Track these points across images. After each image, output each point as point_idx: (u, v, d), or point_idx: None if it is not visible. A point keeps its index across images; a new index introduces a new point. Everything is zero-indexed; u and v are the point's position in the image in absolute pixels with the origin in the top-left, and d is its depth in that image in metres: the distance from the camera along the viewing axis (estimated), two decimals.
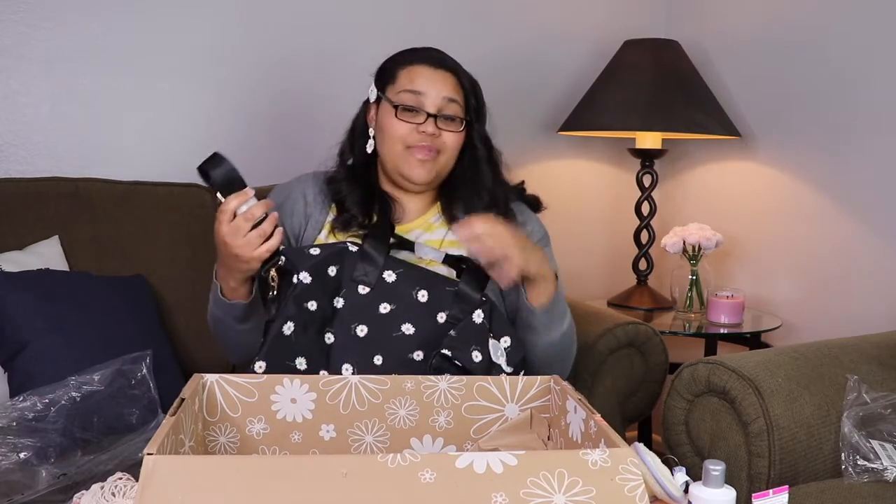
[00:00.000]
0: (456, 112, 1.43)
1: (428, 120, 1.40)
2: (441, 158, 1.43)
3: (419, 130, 1.40)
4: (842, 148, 2.19)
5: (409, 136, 1.41)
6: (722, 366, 1.49)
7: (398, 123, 1.41)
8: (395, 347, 1.26)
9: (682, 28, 2.61)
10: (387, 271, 1.29)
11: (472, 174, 1.48)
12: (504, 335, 1.28)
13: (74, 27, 1.95)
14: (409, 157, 1.42)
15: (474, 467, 0.77)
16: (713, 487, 0.96)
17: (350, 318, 1.27)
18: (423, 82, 1.41)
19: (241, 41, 2.13)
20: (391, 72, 1.45)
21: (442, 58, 1.45)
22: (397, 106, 1.41)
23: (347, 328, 1.26)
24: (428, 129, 1.40)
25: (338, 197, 1.48)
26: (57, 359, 1.49)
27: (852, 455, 1.43)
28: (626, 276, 2.56)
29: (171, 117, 2.08)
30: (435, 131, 1.41)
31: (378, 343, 1.26)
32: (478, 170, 1.48)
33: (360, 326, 1.27)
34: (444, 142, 1.42)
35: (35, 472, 1.23)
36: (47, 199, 1.78)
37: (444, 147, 1.43)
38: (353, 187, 1.47)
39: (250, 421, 1.06)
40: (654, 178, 2.45)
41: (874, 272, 2.13)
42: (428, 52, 1.46)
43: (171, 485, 0.73)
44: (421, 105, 1.41)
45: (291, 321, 1.23)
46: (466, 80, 1.46)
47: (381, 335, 1.27)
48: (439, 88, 1.41)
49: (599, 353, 1.73)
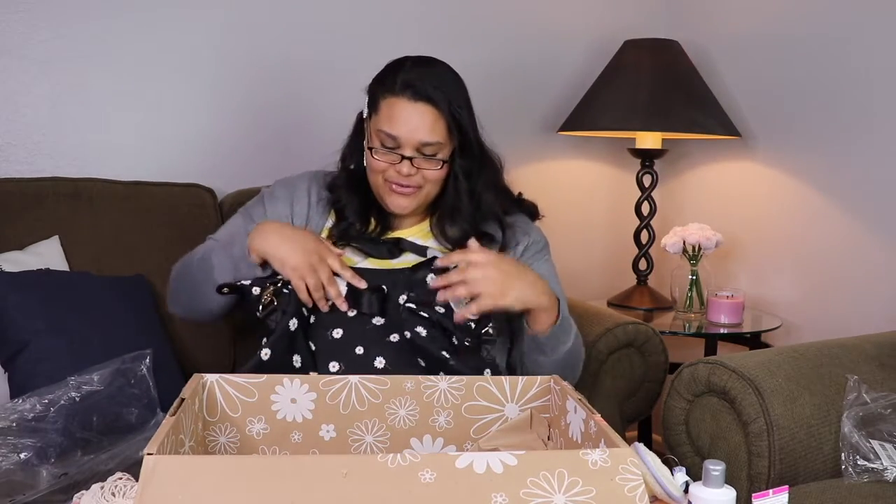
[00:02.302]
0: (435, 150, 1.38)
1: (403, 161, 1.38)
2: (422, 192, 1.43)
3: (396, 170, 1.39)
4: (842, 148, 2.19)
5: (387, 173, 1.41)
6: (722, 366, 1.49)
7: (375, 161, 1.40)
8: (372, 338, 1.32)
9: (682, 28, 2.61)
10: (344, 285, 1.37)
11: (454, 202, 1.45)
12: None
13: (74, 27, 1.95)
14: (389, 189, 1.42)
15: (474, 467, 0.77)
16: (713, 487, 0.96)
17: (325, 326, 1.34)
18: (399, 124, 1.36)
19: (240, 41, 2.13)
20: (375, 98, 1.41)
21: (423, 86, 1.36)
22: (372, 147, 1.40)
23: (324, 335, 1.33)
24: (402, 170, 1.38)
25: (337, 205, 1.49)
26: (57, 359, 1.49)
27: (852, 455, 1.43)
28: (626, 276, 2.56)
29: (171, 117, 2.08)
30: (411, 171, 1.39)
31: (354, 338, 1.32)
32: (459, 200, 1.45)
33: (336, 330, 1.33)
34: (424, 177, 1.41)
35: (36, 472, 1.23)
36: (47, 199, 1.78)
37: (425, 181, 1.41)
38: (351, 196, 1.48)
39: (250, 421, 1.06)
40: (654, 178, 2.45)
41: (874, 272, 2.13)
42: (410, 78, 1.37)
43: (171, 485, 0.73)
44: (398, 147, 1.38)
45: (296, 318, 1.31)
46: (447, 107, 1.37)
47: (356, 332, 1.33)
48: (416, 130, 1.36)
49: (599, 353, 1.74)
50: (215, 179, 2.06)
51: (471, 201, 1.45)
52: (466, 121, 1.41)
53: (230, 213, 1.96)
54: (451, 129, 1.39)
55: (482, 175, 1.46)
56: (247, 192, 1.99)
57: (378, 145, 1.39)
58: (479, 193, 1.46)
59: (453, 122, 1.39)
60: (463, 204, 1.45)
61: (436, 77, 1.40)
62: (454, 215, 1.46)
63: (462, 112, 1.40)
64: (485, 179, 1.47)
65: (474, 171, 1.45)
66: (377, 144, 1.40)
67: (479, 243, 1.36)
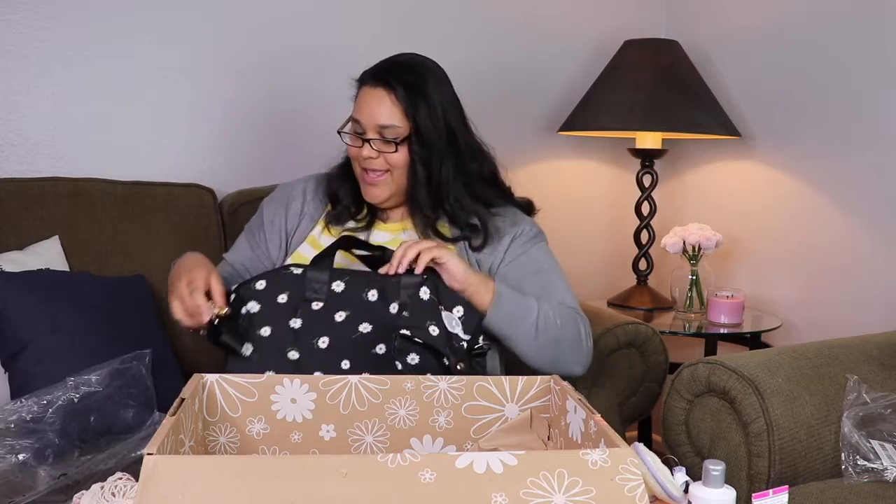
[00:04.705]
0: (394, 134, 1.43)
1: (364, 145, 1.44)
2: (390, 179, 1.46)
3: (361, 154, 1.45)
4: (842, 148, 2.19)
5: (359, 160, 1.47)
6: (722, 366, 1.49)
7: (349, 148, 1.48)
8: (358, 348, 1.29)
9: (682, 28, 2.61)
10: (335, 282, 1.33)
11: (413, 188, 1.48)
12: (455, 305, 1.32)
13: (74, 27, 1.95)
14: (363, 179, 1.48)
15: (474, 467, 0.77)
16: (713, 487, 0.96)
17: (310, 334, 1.30)
18: (362, 108, 1.44)
19: (240, 41, 2.13)
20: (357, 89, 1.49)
21: (384, 73, 1.44)
22: (341, 133, 1.47)
23: (310, 344, 1.30)
24: (364, 153, 1.44)
25: (332, 191, 1.54)
26: (57, 359, 1.49)
27: (852, 455, 1.43)
28: (626, 276, 2.56)
29: (171, 117, 2.08)
30: (371, 153, 1.44)
31: (341, 349, 1.29)
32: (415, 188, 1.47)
33: (322, 339, 1.30)
34: (386, 160, 1.45)
35: (34, 473, 1.23)
36: (47, 199, 1.78)
37: (392, 165, 1.46)
38: (345, 181, 1.53)
39: (250, 421, 1.06)
40: (654, 178, 2.45)
41: (874, 272, 2.13)
42: (375, 69, 1.46)
43: (171, 485, 0.73)
44: (360, 130, 1.45)
45: (250, 343, 1.29)
46: (403, 93, 1.42)
47: (342, 341, 1.29)
48: (373, 112, 1.43)
49: (599, 353, 1.73)
50: (215, 179, 2.06)
51: (428, 189, 1.47)
52: (423, 107, 1.44)
53: (230, 213, 1.97)
54: (407, 114, 1.43)
55: (446, 164, 1.47)
56: (247, 192, 1.99)
57: (350, 131, 1.46)
58: (440, 182, 1.47)
59: (409, 107, 1.43)
60: (420, 191, 1.47)
61: (400, 67, 1.46)
62: (413, 203, 1.49)
63: (418, 98, 1.43)
64: (456, 169, 1.48)
65: (434, 158, 1.46)
66: (349, 131, 1.46)
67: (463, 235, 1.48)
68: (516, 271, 1.48)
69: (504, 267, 1.49)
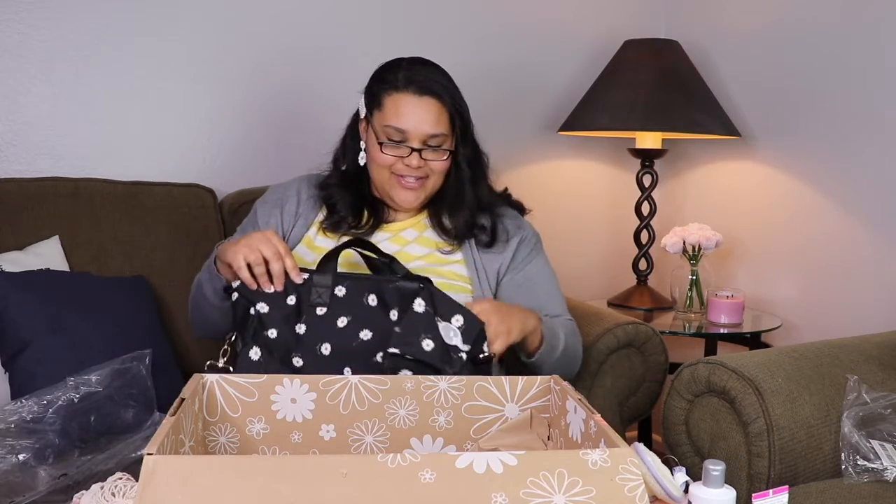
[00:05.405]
0: (441, 142, 1.44)
1: (413, 154, 1.43)
2: (429, 182, 1.47)
3: (405, 163, 1.44)
4: (842, 148, 2.19)
5: (395, 166, 1.45)
6: (722, 366, 1.49)
7: (383, 155, 1.44)
8: (359, 355, 1.29)
9: (682, 28, 2.61)
10: (337, 287, 1.32)
11: (457, 191, 1.51)
12: (454, 314, 1.28)
13: (74, 27, 1.95)
14: (396, 183, 1.46)
15: (474, 467, 0.77)
16: (713, 487, 0.96)
17: (314, 340, 1.30)
18: (408, 118, 1.41)
19: (240, 41, 2.13)
20: (378, 97, 1.45)
21: (426, 81, 1.43)
22: (382, 142, 1.43)
23: (313, 350, 1.29)
24: (412, 162, 1.43)
25: (329, 201, 1.52)
26: (57, 359, 1.49)
27: (852, 455, 1.43)
28: (626, 276, 2.56)
29: (171, 117, 2.08)
30: (420, 163, 1.44)
31: (343, 356, 1.29)
32: (462, 188, 1.50)
33: (324, 345, 1.29)
34: (430, 168, 1.46)
35: (34, 473, 1.23)
36: (47, 199, 1.78)
37: (432, 172, 1.46)
38: (344, 193, 1.51)
39: (250, 421, 1.06)
40: (654, 178, 2.45)
41: (874, 272, 2.13)
42: (412, 75, 1.43)
43: (171, 485, 0.73)
44: (405, 140, 1.43)
45: (258, 347, 1.29)
46: (450, 100, 1.44)
47: (344, 348, 1.29)
48: (423, 122, 1.41)
49: (599, 353, 1.73)
50: (215, 179, 2.06)
51: (473, 191, 1.51)
52: (466, 112, 1.48)
53: (230, 213, 1.97)
54: (454, 121, 1.45)
55: (472, 166, 1.52)
56: (247, 192, 1.99)
57: (386, 140, 1.43)
58: (471, 184, 1.51)
59: (456, 113, 1.45)
60: (466, 193, 1.50)
61: (435, 73, 1.46)
62: (456, 205, 1.50)
63: (462, 104, 1.47)
64: (482, 171, 1.54)
65: (473, 161, 1.51)
66: (385, 139, 1.43)
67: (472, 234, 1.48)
68: (524, 280, 1.54)
69: (512, 273, 1.53)
